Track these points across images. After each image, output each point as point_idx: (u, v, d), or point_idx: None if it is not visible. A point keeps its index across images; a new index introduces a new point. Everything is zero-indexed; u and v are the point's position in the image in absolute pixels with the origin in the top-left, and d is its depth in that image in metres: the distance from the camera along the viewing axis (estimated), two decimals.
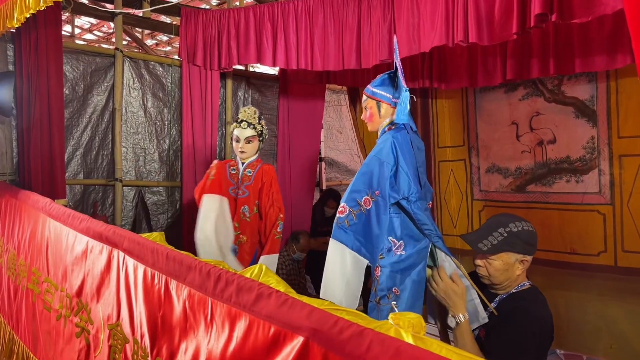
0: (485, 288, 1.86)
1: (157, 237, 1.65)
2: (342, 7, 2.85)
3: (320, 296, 1.90)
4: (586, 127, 3.23)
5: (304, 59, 3.04)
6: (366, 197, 1.88)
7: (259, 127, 3.10)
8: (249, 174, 3.10)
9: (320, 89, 4.36)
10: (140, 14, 3.90)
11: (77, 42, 9.16)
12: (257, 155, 3.17)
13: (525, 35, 2.30)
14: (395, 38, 2.12)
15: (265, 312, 1.09)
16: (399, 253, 1.96)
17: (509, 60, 2.91)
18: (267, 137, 3.23)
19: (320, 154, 5.03)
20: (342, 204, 1.91)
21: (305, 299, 1.09)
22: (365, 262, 1.88)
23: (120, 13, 3.68)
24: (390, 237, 1.99)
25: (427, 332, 0.97)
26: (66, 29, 9.24)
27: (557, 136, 3.37)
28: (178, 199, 4.01)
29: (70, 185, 3.54)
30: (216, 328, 1.24)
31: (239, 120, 3.11)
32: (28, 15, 2.62)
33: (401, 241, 1.98)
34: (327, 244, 1.99)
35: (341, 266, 1.87)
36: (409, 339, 0.88)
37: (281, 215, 3.03)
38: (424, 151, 2.18)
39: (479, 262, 1.81)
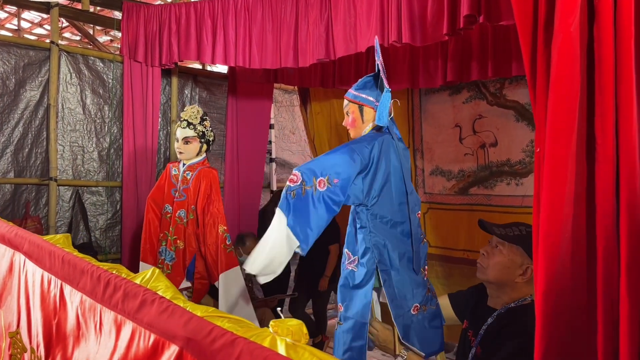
0: (485, 300, 1.80)
1: (60, 240, 1.56)
2: (280, 4, 2.79)
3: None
4: (526, 130, 3.28)
5: (242, 56, 2.97)
6: (322, 179, 1.67)
7: (199, 128, 2.96)
8: (187, 177, 2.96)
9: (268, 89, 4.30)
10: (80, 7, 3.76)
11: (27, 36, 8.81)
12: (200, 157, 3.02)
13: (457, 36, 2.29)
14: (376, 39, 1.92)
15: (147, 320, 1.03)
16: (350, 268, 1.86)
17: (449, 62, 2.92)
18: (212, 139, 3.07)
19: (271, 154, 4.95)
20: (296, 172, 1.67)
21: (190, 305, 1.03)
22: (297, 242, 1.64)
23: (57, 5, 3.53)
24: (346, 250, 1.90)
25: None
26: (14, 22, 8.86)
27: (499, 139, 3.41)
28: (118, 199, 3.86)
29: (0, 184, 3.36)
30: (104, 336, 1.17)
31: (181, 119, 3.01)
32: None
33: (356, 256, 1.86)
34: None
35: (277, 237, 1.64)
36: (282, 348, 0.84)
37: (224, 228, 2.85)
38: (409, 159, 2.00)
39: (484, 249, 1.73)
